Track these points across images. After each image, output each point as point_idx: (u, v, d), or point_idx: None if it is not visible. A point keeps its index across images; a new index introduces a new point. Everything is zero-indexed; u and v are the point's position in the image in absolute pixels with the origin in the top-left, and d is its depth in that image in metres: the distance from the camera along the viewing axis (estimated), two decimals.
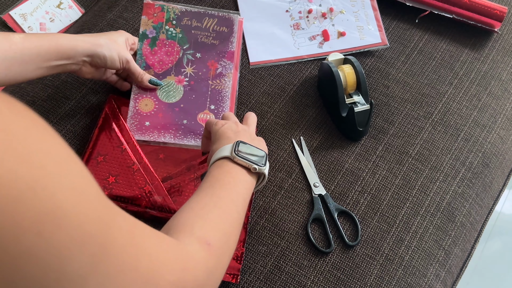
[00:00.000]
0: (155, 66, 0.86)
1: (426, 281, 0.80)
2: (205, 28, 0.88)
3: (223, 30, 0.88)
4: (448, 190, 0.86)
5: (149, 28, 0.88)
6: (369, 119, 0.86)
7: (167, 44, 0.87)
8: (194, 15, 0.89)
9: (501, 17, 1.00)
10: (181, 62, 0.86)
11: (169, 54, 0.86)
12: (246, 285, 0.76)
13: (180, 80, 0.84)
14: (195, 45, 0.87)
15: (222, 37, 0.88)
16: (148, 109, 0.83)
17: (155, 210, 0.77)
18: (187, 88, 0.85)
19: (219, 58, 0.86)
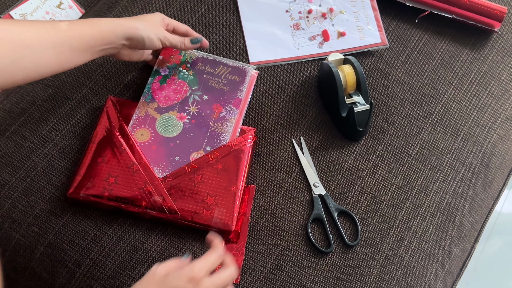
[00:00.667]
0: (160, 100, 0.86)
1: (426, 281, 0.80)
2: (217, 75, 0.88)
3: (235, 79, 0.88)
4: (448, 190, 0.86)
5: (163, 67, 0.89)
6: (369, 119, 0.86)
7: (177, 83, 0.87)
8: (209, 62, 0.90)
9: (501, 17, 1.00)
10: (187, 100, 0.86)
11: (176, 92, 0.86)
12: (246, 285, 0.76)
13: (181, 116, 0.84)
14: (204, 87, 0.87)
15: (232, 85, 0.88)
16: (143, 140, 0.82)
17: (155, 211, 0.77)
18: (187, 125, 0.84)
19: (225, 103, 0.86)
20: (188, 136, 0.83)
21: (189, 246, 0.78)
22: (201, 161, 0.81)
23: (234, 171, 0.81)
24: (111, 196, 0.78)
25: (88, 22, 0.74)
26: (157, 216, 0.78)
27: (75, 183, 0.79)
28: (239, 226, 0.79)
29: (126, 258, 0.77)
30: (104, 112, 0.84)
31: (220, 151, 0.82)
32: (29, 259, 0.78)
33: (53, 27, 0.69)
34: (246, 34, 0.98)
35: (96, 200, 0.78)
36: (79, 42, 0.72)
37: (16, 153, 0.84)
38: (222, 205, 0.78)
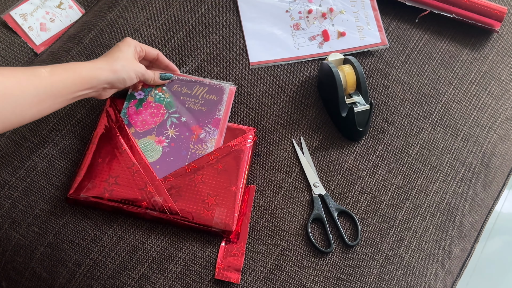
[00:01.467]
0: (137, 124, 0.84)
1: (426, 281, 0.80)
2: (194, 95, 0.87)
3: (212, 98, 0.87)
4: (448, 190, 0.86)
5: (138, 90, 0.87)
6: (369, 119, 0.86)
7: (154, 106, 0.86)
8: (185, 83, 0.88)
9: (501, 17, 1.00)
10: (165, 124, 0.85)
11: (153, 116, 0.85)
12: (246, 285, 0.76)
13: (160, 140, 0.83)
14: (182, 109, 0.86)
15: (210, 104, 0.86)
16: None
17: (155, 211, 0.77)
18: (166, 149, 0.82)
19: (204, 124, 0.85)
20: (168, 160, 0.81)
21: (189, 246, 0.78)
22: (201, 161, 0.81)
23: (234, 171, 0.81)
24: (111, 197, 0.78)
25: (69, 67, 0.73)
26: (158, 217, 0.78)
27: (76, 184, 0.79)
28: (239, 226, 0.79)
29: (126, 258, 0.77)
30: (104, 113, 0.84)
31: (220, 151, 0.82)
32: (29, 259, 0.78)
33: (34, 75, 0.68)
34: (246, 34, 0.98)
35: (96, 201, 0.78)
36: (61, 89, 0.70)
37: (16, 153, 0.84)
38: (222, 205, 0.78)
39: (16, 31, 1.03)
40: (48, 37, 1.04)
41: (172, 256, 0.77)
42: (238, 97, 0.91)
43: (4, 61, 1.00)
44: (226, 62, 0.95)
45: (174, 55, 0.94)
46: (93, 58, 0.93)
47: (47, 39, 1.04)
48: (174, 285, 0.76)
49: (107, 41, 0.95)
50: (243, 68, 0.95)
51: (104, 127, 0.83)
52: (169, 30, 0.97)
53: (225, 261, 0.77)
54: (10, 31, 1.03)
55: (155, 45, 0.95)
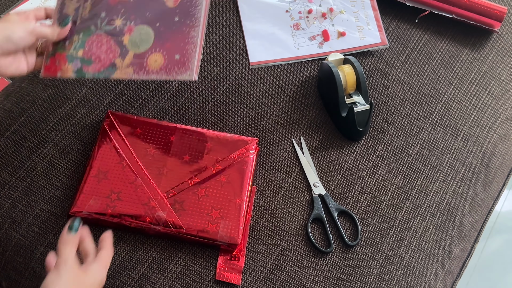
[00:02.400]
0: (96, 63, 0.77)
1: (426, 281, 0.80)
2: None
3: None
4: (448, 190, 0.87)
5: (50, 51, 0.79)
6: (369, 119, 0.86)
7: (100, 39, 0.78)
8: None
9: (501, 17, 1.00)
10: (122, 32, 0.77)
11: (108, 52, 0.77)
12: (246, 285, 0.76)
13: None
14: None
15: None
16: (156, 67, 0.75)
17: (159, 226, 0.76)
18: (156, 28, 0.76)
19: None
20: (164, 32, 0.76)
21: (189, 246, 0.78)
22: (204, 174, 0.80)
23: (238, 183, 0.80)
24: (114, 213, 0.76)
25: None
26: (162, 232, 0.77)
27: (78, 200, 0.77)
28: (244, 233, 0.79)
29: (126, 258, 0.77)
30: (103, 127, 0.83)
31: (222, 163, 0.81)
32: (29, 259, 0.78)
33: None
34: (246, 34, 0.98)
35: (99, 217, 0.76)
36: None
37: (16, 153, 0.85)
38: (227, 218, 0.77)
39: None
40: None
41: (172, 256, 0.77)
42: (238, 97, 0.91)
43: None
44: (226, 62, 0.95)
45: None
46: None
47: None
48: (174, 285, 0.76)
49: None
50: (243, 68, 0.95)
51: (104, 142, 0.82)
52: None
53: (225, 262, 0.77)
54: None
55: None
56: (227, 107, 0.90)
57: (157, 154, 0.81)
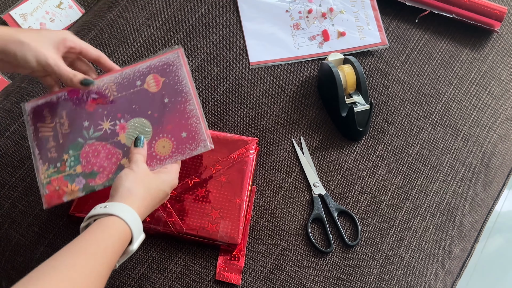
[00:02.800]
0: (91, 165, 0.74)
1: (426, 280, 0.80)
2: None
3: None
4: (448, 190, 0.86)
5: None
6: (369, 119, 0.86)
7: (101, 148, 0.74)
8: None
9: (501, 17, 1.00)
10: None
11: (109, 157, 0.74)
12: (246, 285, 0.76)
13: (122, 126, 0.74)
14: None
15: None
16: (166, 152, 0.73)
17: (159, 226, 0.76)
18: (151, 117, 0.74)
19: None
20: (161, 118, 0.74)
21: (189, 246, 0.78)
22: (204, 174, 0.80)
23: (238, 183, 0.80)
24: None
25: None
26: (162, 232, 0.77)
27: (77, 200, 0.77)
28: (244, 232, 0.79)
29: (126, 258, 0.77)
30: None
31: (222, 163, 0.81)
32: (29, 259, 0.78)
33: None
34: (246, 34, 0.98)
35: None
36: None
37: (16, 153, 0.84)
38: (227, 218, 0.77)
39: None
40: None
41: (172, 256, 0.77)
42: (238, 97, 0.91)
43: None
44: (226, 62, 0.95)
45: None
46: None
47: None
48: (174, 285, 0.76)
49: (107, 41, 0.95)
50: (243, 68, 0.95)
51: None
52: (169, 30, 0.97)
53: (225, 262, 0.77)
54: None
55: (155, 45, 0.95)
56: (227, 107, 0.90)
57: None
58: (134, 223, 0.61)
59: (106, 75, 0.76)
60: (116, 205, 0.61)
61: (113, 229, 0.60)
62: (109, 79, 0.76)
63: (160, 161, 0.72)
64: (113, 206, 0.61)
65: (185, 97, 0.74)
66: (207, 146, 0.72)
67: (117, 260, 0.61)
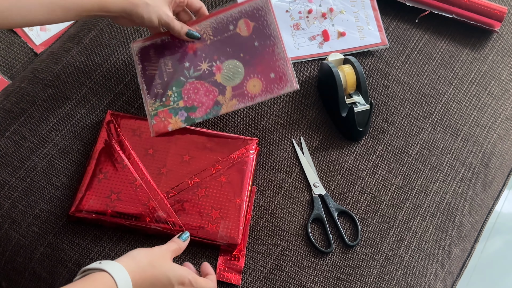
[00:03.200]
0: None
1: (426, 281, 0.80)
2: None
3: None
4: (448, 190, 0.86)
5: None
6: (369, 119, 0.86)
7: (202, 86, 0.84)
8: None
9: (501, 17, 1.00)
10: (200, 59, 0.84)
11: (207, 94, 0.83)
12: (246, 285, 0.76)
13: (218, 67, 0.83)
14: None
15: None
16: (257, 91, 0.82)
17: (159, 226, 0.76)
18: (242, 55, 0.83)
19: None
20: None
21: (188, 247, 0.78)
22: (204, 174, 0.80)
23: (238, 183, 0.80)
24: (114, 213, 0.76)
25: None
26: (162, 232, 0.76)
27: (77, 201, 0.77)
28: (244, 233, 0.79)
29: None
30: (103, 127, 0.83)
31: (222, 163, 0.81)
32: (29, 259, 0.78)
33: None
34: None
35: (99, 217, 0.76)
36: (74, 5, 0.73)
37: (16, 153, 0.84)
38: (227, 218, 0.77)
39: (16, 31, 1.03)
40: (48, 37, 1.04)
41: None
42: None
43: (4, 61, 1.00)
44: None
45: None
46: (93, 58, 0.93)
47: (47, 39, 1.04)
48: None
49: (107, 41, 0.95)
50: None
51: (104, 142, 0.82)
52: None
53: (225, 262, 0.77)
54: (10, 31, 1.03)
55: None
56: None
57: (157, 154, 0.81)
58: (122, 281, 0.60)
59: (202, 20, 0.84)
60: (110, 263, 0.62)
61: (100, 283, 0.60)
62: (206, 24, 0.84)
63: (251, 98, 0.81)
64: (107, 263, 0.62)
65: (273, 40, 0.82)
66: (293, 86, 0.80)
67: None
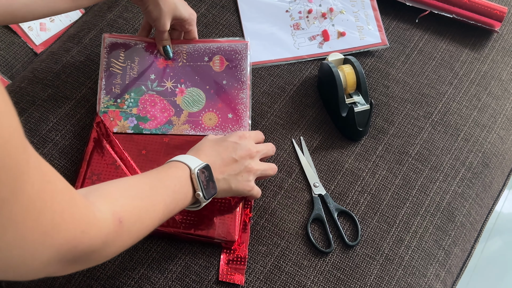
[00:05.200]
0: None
1: (426, 281, 0.80)
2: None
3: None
4: (448, 190, 0.86)
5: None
6: (369, 119, 0.86)
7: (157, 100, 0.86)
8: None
9: (501, 17, 1.00)
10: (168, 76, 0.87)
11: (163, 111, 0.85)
12: (246, 285, 0.76)
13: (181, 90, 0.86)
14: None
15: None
16: (211, 124, 0.85)
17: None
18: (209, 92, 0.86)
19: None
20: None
21: (189, 246, 0.78)
22: None
23: None
24: None
25: None
26: (159, 231, 0.76)
27: None
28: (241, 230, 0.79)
29: (126, 258, 0.77)
30: (94, 129, 0.83)
31: None
32: None
33: None
34: (246, 34, 0.98)
35: None
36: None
37: None
38: (223, 215, 0.77)
39: (16, 31, 1.03)
40: (48, 37, 1.04)
41: (172, 256, 0.77)
42: None
43: (4, 61, 1.00)
44: None
45: None
46: (93, 58, 0.93)
47: (46, 39, 1.04)
48: (174, 285, 0.76)
49: None
50: None
51: (96, 143, 0.81)
52: None
53: (228, 263, 0.77)
54: (10, 31, 1.03)
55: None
56: None
57: (150, 155, 0.81)
58: (187, 160, 0.67)
59: (182, 43, 0.89)
60: (181, 156, 0.69)
61: (174, 168, 0.67)
62: (184, 46, 0.88)
63: (203, 129, 0.84)
64: (179, 157, 0.68)
65: (241, 85, 0.87)
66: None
67: (178, 198, 0.65)
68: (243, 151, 0.72)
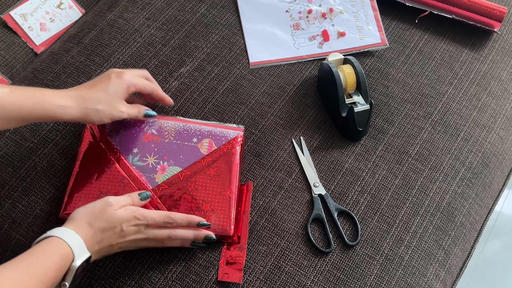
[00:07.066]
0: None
1: (426, 281, 0.80)
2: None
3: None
4: (448, 190, 0.87)
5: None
6: (369, 119, 0.86)
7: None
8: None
9: (500, 17, 1.00)
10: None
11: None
12: (246, 285, 0.76)
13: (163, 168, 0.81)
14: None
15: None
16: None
17: None
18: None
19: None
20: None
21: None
22: (194, 167, 0.80)
23: (226, 175, 0.80)
24: None
25: (32, 93, 0.69)
26: None
27: (66, 204, 0.77)
28: (240, 227, 0.79)
29: (126, 258, 0.77)
30: (87, 129, 0.83)
31: (211, 155, 0.81)
32: None
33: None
34: (246, 34, 0.98)
35: None
36: (14, 114, 0.68)
37: (16, 153, 0.84)
38: (218, 210, 0.77)
39: (16, 31, 1.03)
40: (48, 37, 1.05)
41: (172, 256, 0.77)
42: (238, 97, 0.91)
43: (4, 61, 1.00)
44: (226, 62, 0.95)
45: (174, 55, 0.95)
46: (93, 58, 0.93)
47: (47, 39, 1.04)
48: (174, 285, 0.76)
49: (107, 41, 0.95)
50: (243, 68, 0.95)
51: (89, 143, 0.81)
52: (169, 30, 0.97)
53: (227, 261, 0.77)
54: (10, 31, 1.03)
55: (155, 45, 0.95)
56: (227, 107, 0.90)
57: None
58: (72, 241, 0.64)
59: (173, 120, 0.85)
60: (57, 229, 0.65)
61: (53, 246, 0.63)
62: (173, 124, 0.84)
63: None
64: (55, 230, 0.65)
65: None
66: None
67: (59, 276, 0.62)
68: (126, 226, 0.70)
